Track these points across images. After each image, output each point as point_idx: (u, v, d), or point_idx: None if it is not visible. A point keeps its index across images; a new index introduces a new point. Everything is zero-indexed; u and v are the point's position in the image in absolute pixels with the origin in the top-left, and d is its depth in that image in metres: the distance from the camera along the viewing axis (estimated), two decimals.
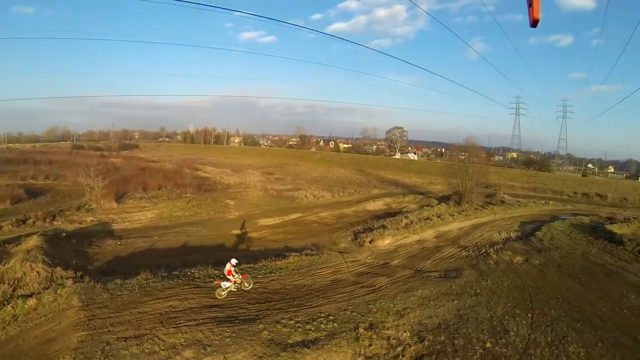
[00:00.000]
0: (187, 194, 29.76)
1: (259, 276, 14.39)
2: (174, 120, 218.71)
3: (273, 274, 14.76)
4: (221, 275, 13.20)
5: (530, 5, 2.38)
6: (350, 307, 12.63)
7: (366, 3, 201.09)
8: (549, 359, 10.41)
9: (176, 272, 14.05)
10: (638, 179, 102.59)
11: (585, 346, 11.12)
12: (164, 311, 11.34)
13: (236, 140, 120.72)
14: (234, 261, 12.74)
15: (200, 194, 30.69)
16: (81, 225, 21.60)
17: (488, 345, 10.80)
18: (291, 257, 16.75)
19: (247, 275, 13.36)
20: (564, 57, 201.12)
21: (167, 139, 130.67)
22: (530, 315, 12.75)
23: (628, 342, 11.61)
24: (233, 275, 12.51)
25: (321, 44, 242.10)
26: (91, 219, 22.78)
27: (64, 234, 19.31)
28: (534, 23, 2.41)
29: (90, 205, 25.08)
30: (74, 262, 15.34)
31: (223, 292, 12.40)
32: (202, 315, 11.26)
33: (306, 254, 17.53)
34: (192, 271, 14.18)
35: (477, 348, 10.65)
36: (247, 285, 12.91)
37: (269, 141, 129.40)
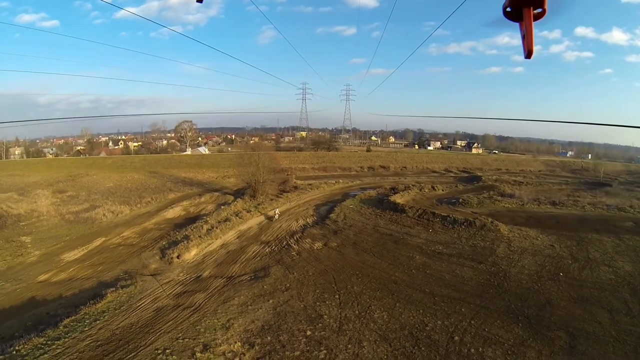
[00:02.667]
0: None
1: (87, 329, 13.50)
2: None
3: (98, 321, 14.07)
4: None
5: (524, 37, 2.49)
6: (181, 335, 13.14)
7: None
8: (360, 329, 13.17)
9: (1, 357, 12.13)
10: (424, 148, 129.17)
11: (387, 309, 14.38)
12: None
13: (17, 152, 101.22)
14: (277, 211, 28.84)
15: None
16: None
17: (309, 332, 13.20)
18: (109, 294, 16.19)
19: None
20: (348, 44, 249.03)
21: None
22: (337, 296, 15.79)
23: (419, 295, 15.46)
24: (276, 213, 28.03)
25: (110, 30, 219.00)
26: None
27: None
28: (529, 54, 2.50)
29: None
30: None
31: (276, 216, 27.90)
32: None
33: (122, 287, 17.20)
34: (17, 348, 12.34)
35: (301, 338, 12.86)
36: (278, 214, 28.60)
37: (54, 148, 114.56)
